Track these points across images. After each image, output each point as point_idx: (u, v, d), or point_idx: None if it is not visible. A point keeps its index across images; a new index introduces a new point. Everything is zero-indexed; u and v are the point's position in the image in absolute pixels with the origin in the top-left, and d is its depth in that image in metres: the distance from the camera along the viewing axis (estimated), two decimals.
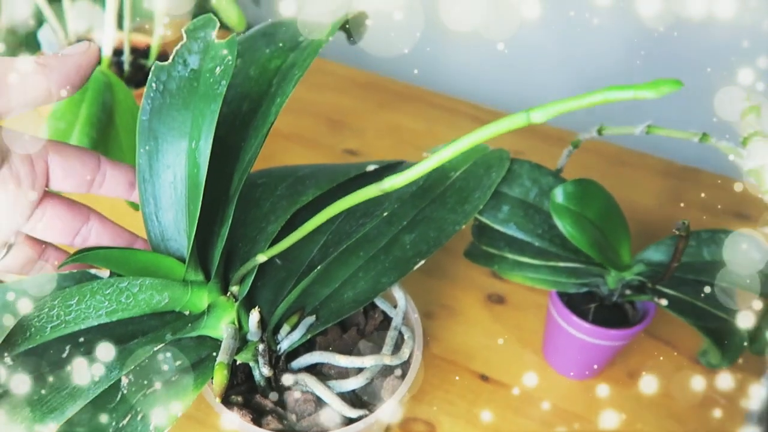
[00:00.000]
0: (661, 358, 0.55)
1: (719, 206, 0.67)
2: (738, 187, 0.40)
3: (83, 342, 0.33)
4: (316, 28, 0.39)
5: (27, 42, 0.65)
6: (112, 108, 0.48)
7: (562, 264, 0.46)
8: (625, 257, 0.46)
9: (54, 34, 0.62)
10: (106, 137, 0.47)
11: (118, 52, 0.65)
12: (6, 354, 0.30)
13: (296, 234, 0.33)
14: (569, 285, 0.47)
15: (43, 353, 0.32)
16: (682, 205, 0.69)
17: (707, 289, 0.44)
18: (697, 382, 0.53)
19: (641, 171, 0.73)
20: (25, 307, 0.30)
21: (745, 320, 0.42)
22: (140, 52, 0.67)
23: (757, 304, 0.42)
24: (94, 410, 0.33)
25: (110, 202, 0.40)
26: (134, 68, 0.64)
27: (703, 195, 0.69)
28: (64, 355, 0.33)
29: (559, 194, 0.43)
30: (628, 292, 0.47)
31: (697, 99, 0.47)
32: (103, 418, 0.32)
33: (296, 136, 0.78)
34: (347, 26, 0.38)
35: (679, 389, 0.53)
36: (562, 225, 0.42)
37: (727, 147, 0.42)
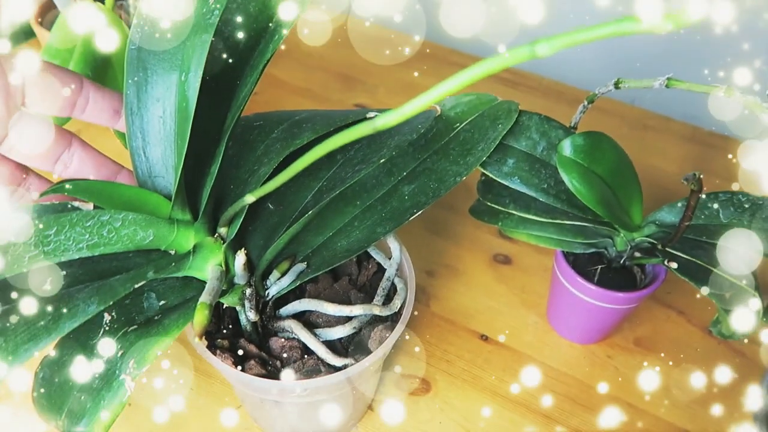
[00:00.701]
0: (671, 326, 0.53)
1: (744, 173, 0.65)
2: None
3: (65, 275, 0.33)
4: None
5: None
6: None
7: (568, 222, 0.44)
8: (636, 217, 0.44)
9: None
10: (103, 77, 0.46)
11: None
12: None
13: (285, 174, 0.32)
14: (575, 245, 0.46)
15: (21, 285, 0.32)
16: (686, 171, 0.66)
17: (720, 253, 0.42)
18: (706, 353, 0.51)
19: (664, 135, 0.71)
20: None
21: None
22: None
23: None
24: (75, 346, 0.33)
25: (97, 141, 0.40)
26: None
27: (729, 161, 0.66)
28: (44, 287, 0.32)
29: (566, 147, 0.41)
30: (637, 254, 0.46)
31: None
32: (84, 354, 0.32)
33: (306, 91, 0.76)
34: None
35: (686, 359, 0.51)
36: (569, 179, 0.40)
37: (754, 103, 0.39)
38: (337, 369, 0.36)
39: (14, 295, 0.31)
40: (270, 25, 0.38)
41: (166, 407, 0.46)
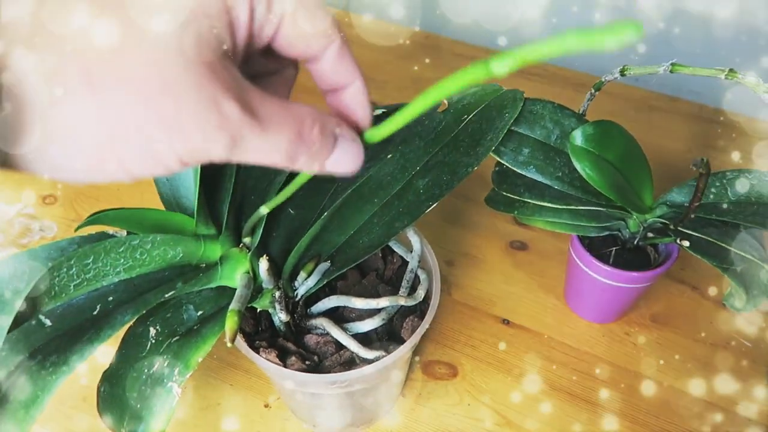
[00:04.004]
0: (685, 301, 0.53)
1: (751, 150, 0.64)
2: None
3: (112, 300, 0.34)
4: None
5: None
6: None
7: (582, 208, 0.44)
8: (647, 200, 0.44)
9: None
10: None
11: None
12: (39, 312, 0.31)
13: (292, 185, 0.31)
14: (590, 229, 0.46)
15: (77, 314, 0.33)
16: (693, 149, 0.65)
17: (731, 230, 0.41)
18: (721, 326, 0.51)
19: (670, 115, 0.70)
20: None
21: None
22: None
23: None
24: (127, 361, 0.34)
25: None
26: None
27: (735, 137, 0.66)
28: (95, 313, 0.33)
29: (578, 136, 0.41)
30: (650, 234, 0.45)
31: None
32: (136, 368, 0.33)
33: (315, 89, 0.76)
34: None
35: (702, 332, 0.51)
36: (581, 167, 0.40)
37: (754, 83, 0.39)
38: (370, 361, 0.37)
39: (62, 318, 0.32)
40: None
41: (209, 402, 0.47)
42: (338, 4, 0.89)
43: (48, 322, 0.32)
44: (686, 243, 0.42)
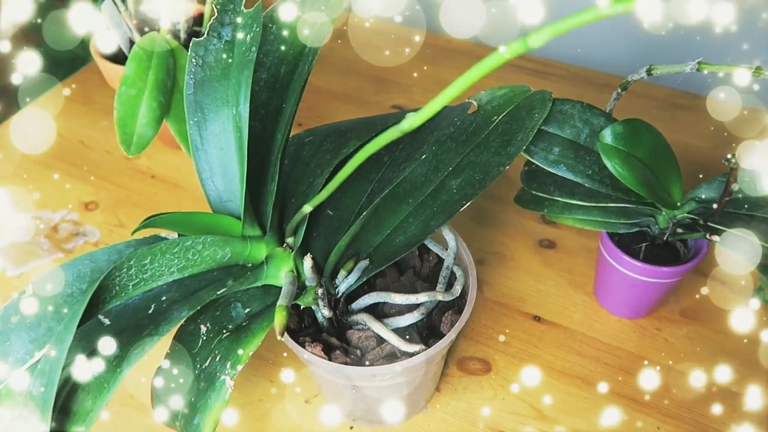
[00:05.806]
0: (715, 296, 0.53)
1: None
2: None
3: (165, 300, 0.35)
4: None
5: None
6: (176, 72, 0.49)
7: (612, 205, 0.44)
8: (676, 195, 0.44)
9: (116, 5, 0.64)
10: (172, 100, 0.48)
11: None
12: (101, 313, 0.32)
13: (333, 183, 0.33)
14: (620, 225, 0.46)
15: (133, 313, 0.35)
16: (717, 145, 0.65)
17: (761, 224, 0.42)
18: (751, 320, 0.51)
19: (694, 113, 0.70)
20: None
21: None
22: (195, 20, 0.68)
23: None
24: (180, 357, 0.35)
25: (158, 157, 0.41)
26: (190, 36, 0.65)
27: (760, 134, 0.65)
28: (150, 312, 0.35)
29: (607, 135, 0.41)
30: (679, 230, 0.46)
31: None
32: (190, 363, 0.35)
33: (345, 96, 0.77)
34: None
35: (732, 326, 0.51)
36: (611, 165, 0.41)
37: None
38: (411, 354, 0.38)
39: (119, 318, 0.34)
40: (305, 48, 0.39)
41: (250, 399, 0.49)
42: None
43: (107, 321, 0.34)
44: (716, 238, 0.42)
